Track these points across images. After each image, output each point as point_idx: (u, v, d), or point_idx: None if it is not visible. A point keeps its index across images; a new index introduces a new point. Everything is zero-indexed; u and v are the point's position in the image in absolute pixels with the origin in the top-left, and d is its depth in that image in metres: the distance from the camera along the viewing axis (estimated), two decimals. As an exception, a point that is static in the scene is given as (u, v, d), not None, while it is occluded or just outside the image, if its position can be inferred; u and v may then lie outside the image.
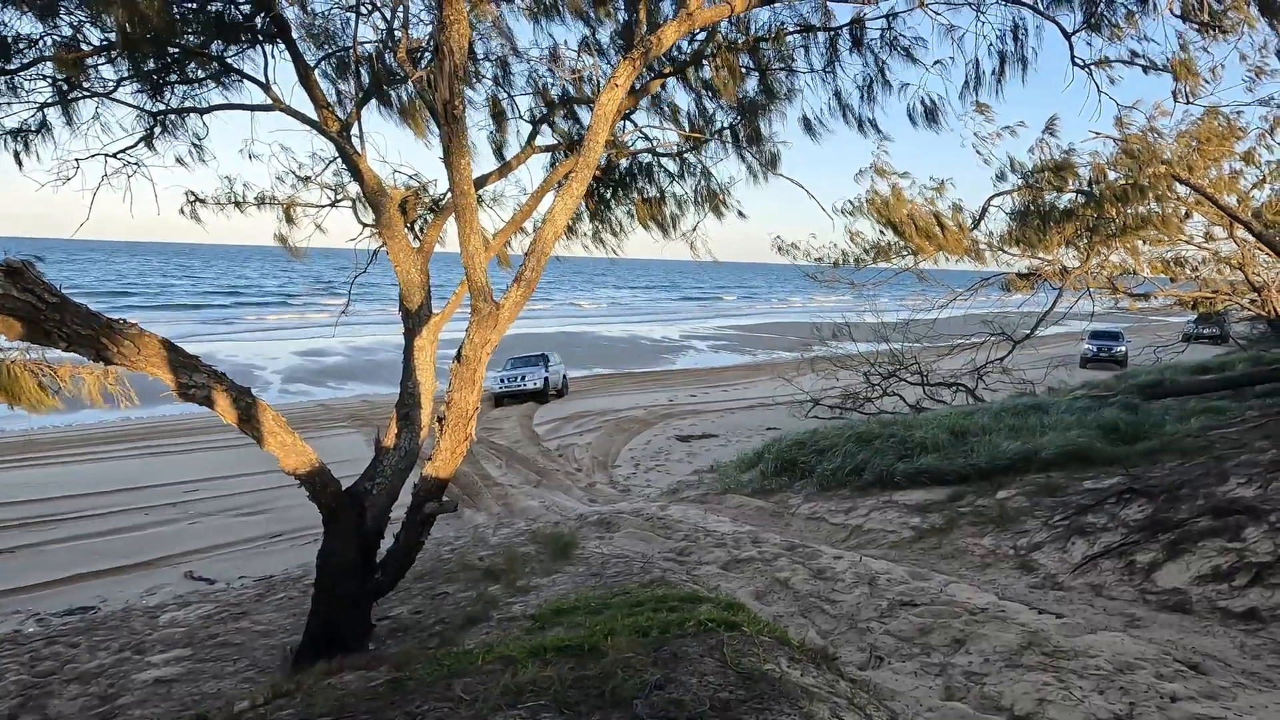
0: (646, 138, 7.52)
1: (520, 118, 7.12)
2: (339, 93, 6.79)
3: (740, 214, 7.35)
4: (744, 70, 6.64)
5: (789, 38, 6.25)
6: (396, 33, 4.83)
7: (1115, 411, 8.93)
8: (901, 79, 5.83)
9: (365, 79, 6.30)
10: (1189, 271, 15.92)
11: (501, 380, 18.73)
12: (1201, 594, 4.51)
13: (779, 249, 13.85)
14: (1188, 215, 13.72)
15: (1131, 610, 4.61)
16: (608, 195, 8.16)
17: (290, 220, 7.13)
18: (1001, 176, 11.56)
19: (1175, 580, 4.71)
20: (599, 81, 5.30)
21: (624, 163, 7.88)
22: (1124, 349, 23.30)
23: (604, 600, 4.96)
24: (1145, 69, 6.83)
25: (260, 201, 7.43)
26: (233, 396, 3.72)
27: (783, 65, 6.52)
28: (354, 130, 5.87)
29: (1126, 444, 7.57)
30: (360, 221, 7.27)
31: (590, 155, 3.89)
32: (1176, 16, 5.12)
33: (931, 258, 12.48)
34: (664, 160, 7.83)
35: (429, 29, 5.52)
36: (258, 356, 26.84)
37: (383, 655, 4.77)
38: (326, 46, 6.47)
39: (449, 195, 4.79)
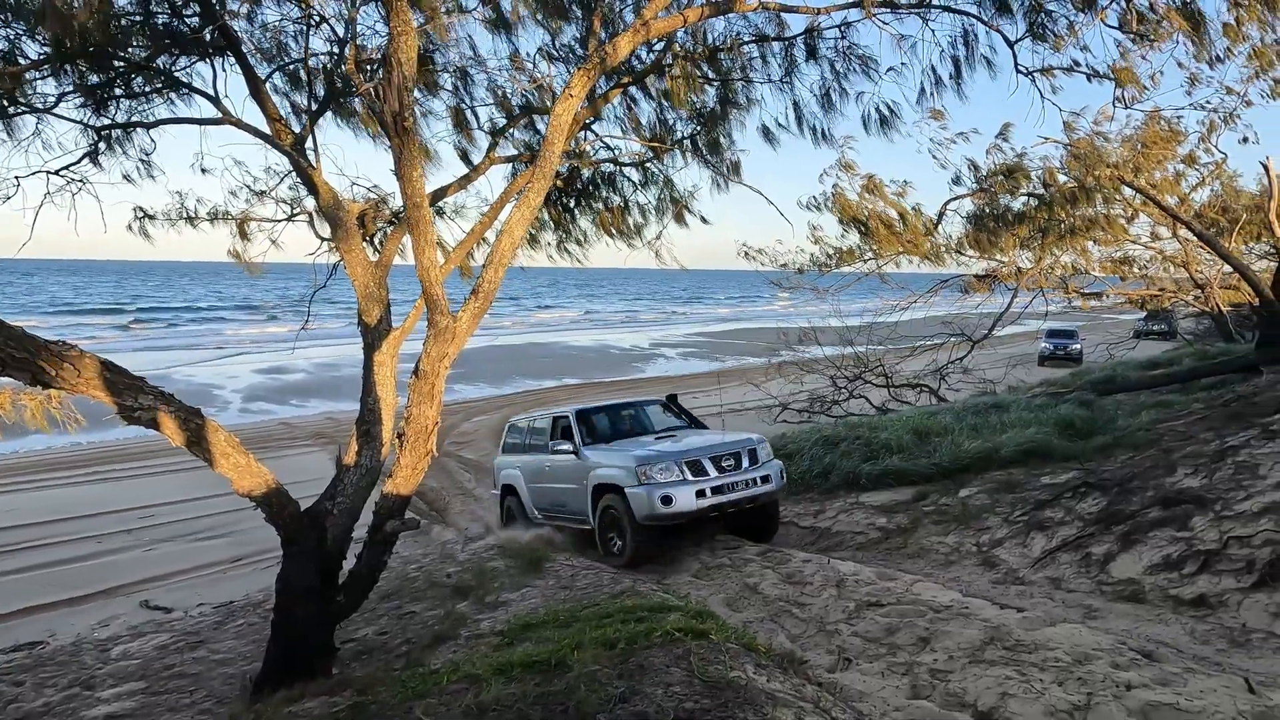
0: (609, 147, 7.54)
1: (480, 128, 7.08)
2: (293, 105, 6.68)
3: (704, 219, 7.43)
4: (703, 80, 6.71)
5: (745, 48, 6.34)
6: (348, 45, 4.76)
7: (1071, 408, 9.18)
8: (857, 88, 5.93)
9: (319, 92, 6.21)
10: (1137, 270, 16.52)
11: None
12: (1154, 583, 4.64)
13: (745, 255, 14.00)
14: (1134, 216, 14.25)
15: (1089, 601, 4.72)
16: (571, 205, 8.15)
17: (245, 236, 6.97)
18: (957, 181, 11.85)
19: (1129, 571, 4.84)
20: (557, 92, 5.30)
21: (587, 172, 7.88)
22: (1079, 346, 24.03)
23: (573, 613, 4.91)
24: (1089, 77, 7.08)
25: (213, 217, 7.25)
26: (180, 418, 3.61)
27: (741, 75, 6.61)
28: (309, 144, 5.77)
29: (1082, 439, 7.79)
30: (318, 235, 7.13)
31: (547, 165, 3.88)
32: (1113, 27, 5.32)
33: (893, 260, 12.74)
34: (627, 170, 7.85)
35: (383, 40, 5.45)
36: (217, 375, 26.16)
37: (347, 679, 4.65)
38: (278, 59, 6.35)
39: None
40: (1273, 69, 11.17)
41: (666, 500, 6.49)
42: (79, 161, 6.05)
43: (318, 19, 5.28)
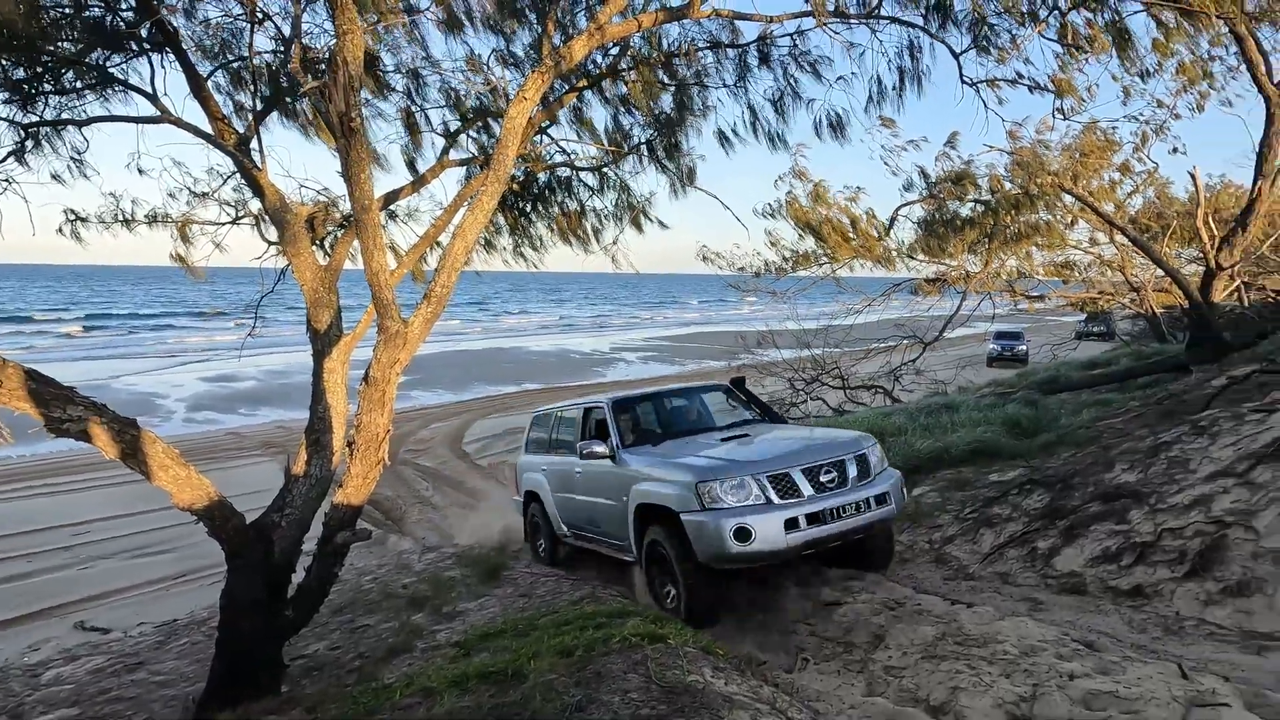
0: (565, 151, 7.51)
1: (434, 130, 6.97)
2: (237, 105, 6.48)
3: (661, 224, 7.43)
4: (659, 85, 6.74)
5: (700, 53, 6.39)
6: (294, 44, 4.63)
7: (1017, 407, 9.49)
8: (809, 94, 6.05)
9: (265, 91, 6.03)
10: (1078, 274, 17.20)
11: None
12: (1094, 575, 4.81)
13: (704, 259, 14.12)
14: (1074, 222, 14.83)
15: (1035, 595, 4.87)
16: (527, 209, 8.09)
17: (186, 239, 6.71)
18: (908, 187, 12.17)
19: (1072, 564, 5.02)
20: (512, 95, 5.25)
21: (543, 177, 7.83)
22: (1025, 348, 24.90)
23: (532, 621, 4.86)
24: (1030, 88, 7.35)
25: (152, 220, 6.96)
26: (114, 429, 3.44)
27: (696, 81, 6.66)
28: (254, 144, 5.60)
29: (1028, 437, 8.05)
30: (264, 239, 6.91)
31: (500, 169, 3.83)
32: (1052, 40, 5.53)
33: (847, 264, 12.99)
34: (584, 174, 7.83)
35: (331, 39, 5.33)
36: (161, 384, 25.14)
37: (296, 697, 4.50)
38: (221, 57, 6.15)
39: (357, 211, 4.62)
40: (1198, 84, 11.80)
41: (742, 534, 4.43)
42: (3, 160, 5.75)
43: (261, 16, 5.12)
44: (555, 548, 6.96)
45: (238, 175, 6.43)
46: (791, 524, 4.58)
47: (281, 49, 5.41)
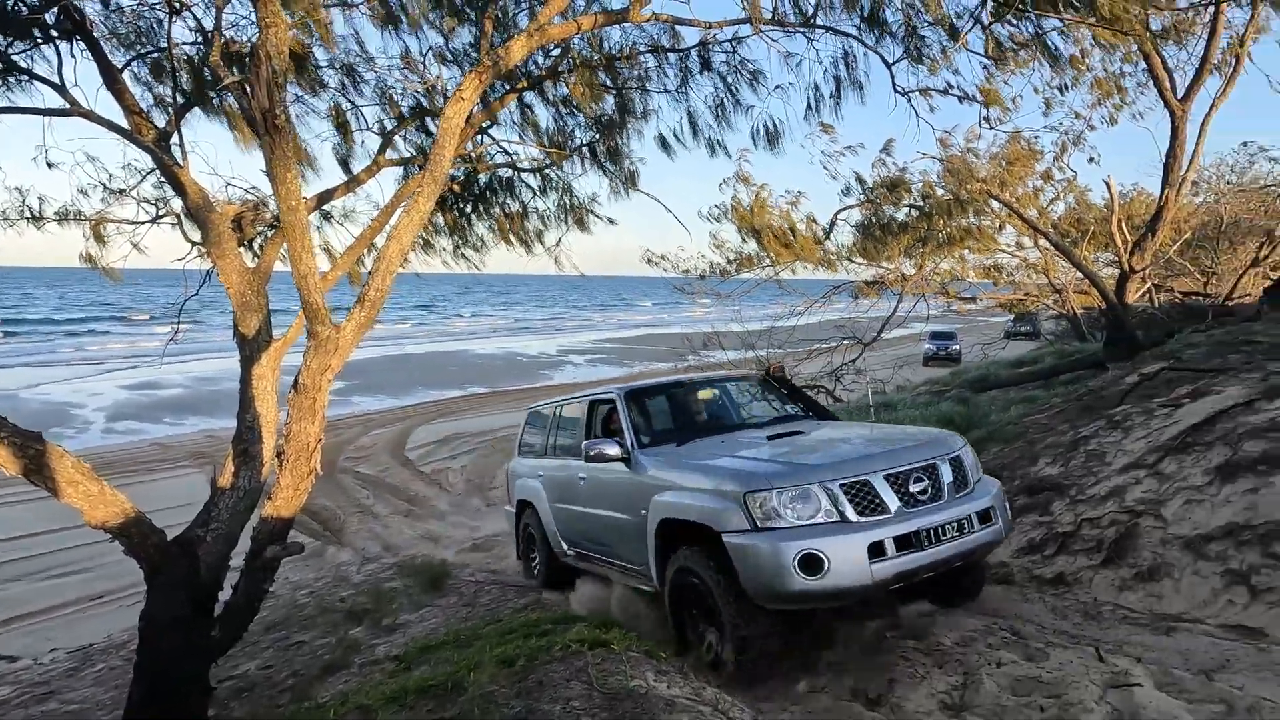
0: (506, 152, 7.41)
1: (369, 129, 6.77)
2: (156, 98, 6.15)
3: (610, 221, 7.41)
4: (601, 87, 6.72)
5: (642, 57, 6.41)
6: (215, 36, 4.42)
7: (951, 405, 9.88)
8: (748, 101, 6.13)
9: (187, 84, 5.73)
10: (1006, 276, 17.99)
11: None
12: (1021, 565, 5.03)
13: (648, 261, 14.18)
14: (1002, 227, 15.50)
15: (967, 586, 5.06)
16: (468, 210, 7.95)
17: (101, 239, 6.32)
18: (847, 192, 12.50)
19: (1000, 555, 5.23)
20: (449, 94, 5.14)
21: (484, 177, 7.72)
22: (958, 347, 25.94)
23: (475, 631, 4.77)
24: (960, 99, 7.64)
25: (63, 217, 6.54)
26: (15, 443, 3.21)
27: (639, 85, 6.67)
28: (174, 140, 5.32)
29: (961, 434, 8.37)
30: (187, 239, 6.57)
31: (437, 169, 3.75)
32: (976, 53, 5.76)
33: (789, 266, 13.25)
34: (525, 175, 7.75)
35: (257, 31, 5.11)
36: (78, 393, 23.65)
37: (224, 720, 4.29)
38: (139, 46, 5.83)
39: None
40: (1111, 97, 12.53)
41: (811, 565, 3.34)
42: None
43: (179, 5, 4.87)
44: (553, 568, 5.90)
45: (158, 172, 6.11)
46: (877, 550, 3.39)
47: (202, 41, 5.16)
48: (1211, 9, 10.09)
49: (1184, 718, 2.73)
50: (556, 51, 6.09)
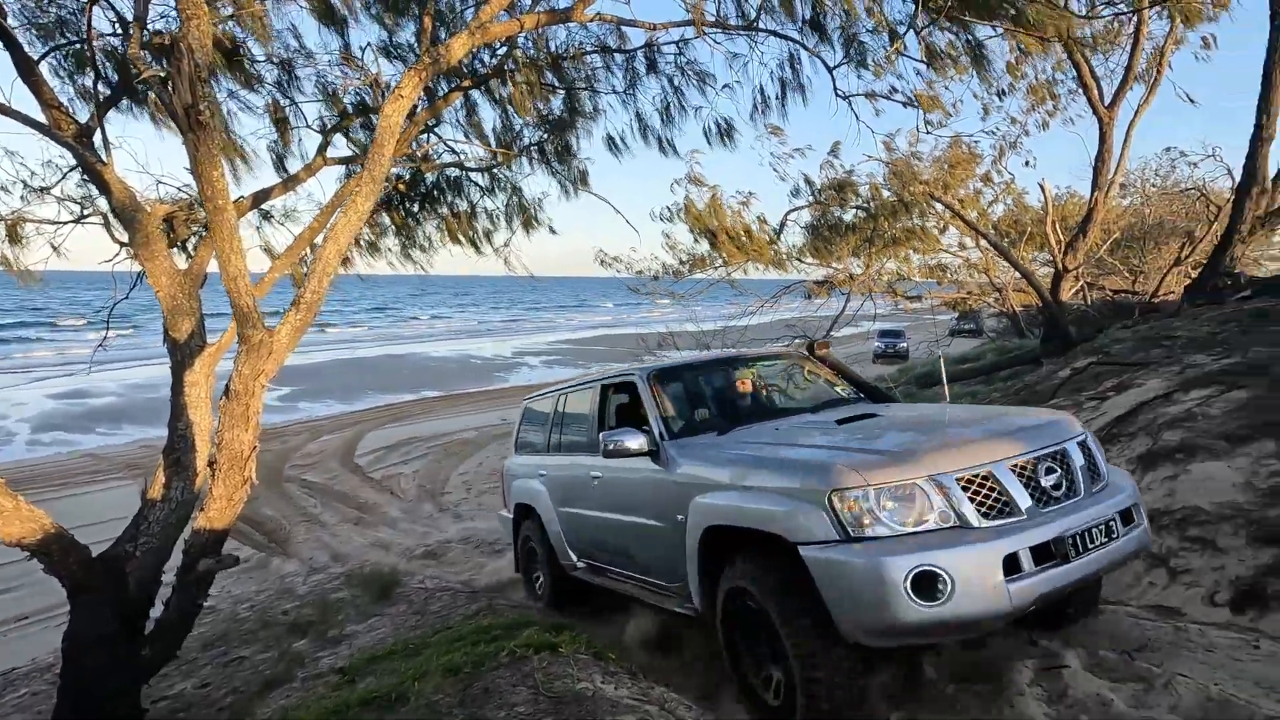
0: (454, 151, 7.31)
1: (309, 127, 6.59)
2: (80, 90, 5.86)
3: (551, 230, 7.37)
4: (549, 87, 6.68)
5: (589, 57, 6.39)
6: (138, 25, 4.23)
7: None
8: (695, 102, 6.18)
9: (111, 77, 5.48)
10: (949, 276, 18.58)
11: None
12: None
13: (601, 262, 14.17)
14: (945, 228, 16.02)
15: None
16: (415, 210, 7.81)
17: (17, 239, 5.99)
18: (796, 193, 12.73)
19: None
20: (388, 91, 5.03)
21: (431, 177, 7.59)
22: (905, 344, 26.70)
23: (424, 640, 4.67)
24: (903, 104, 7.86)
25: (-26, 217, 6.17)
26: (-83, 459, 3.00)
27: (586, 84, 6.65)
28: (98, 136, 5.07)
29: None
30: (115, 240, 6.28)
31: (376, 169, 3.66)
32: (913, 58, 5.92)
33: (741, 267, 13.42)
34: (473, 175, 7.65)
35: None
36: (0, 403, 22.35)
37: (156, 743, 4.11)
38: (58, 37, 5.55)
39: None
40: (1045, 103, 13.08)
41: (929, 586, 2.54)
42: None
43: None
44: (561, 585, 5.05)
45: (80, 169, 5.82)
46: (1012, 564, 2.56)
47: (124, 33, 4.93)
48: (1134, 21, 10.63)
49: (1107, 695, 2.86)
50: (502, 50, 6.03)
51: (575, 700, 2.73)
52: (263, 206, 6.73)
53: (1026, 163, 15.45)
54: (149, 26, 4.45)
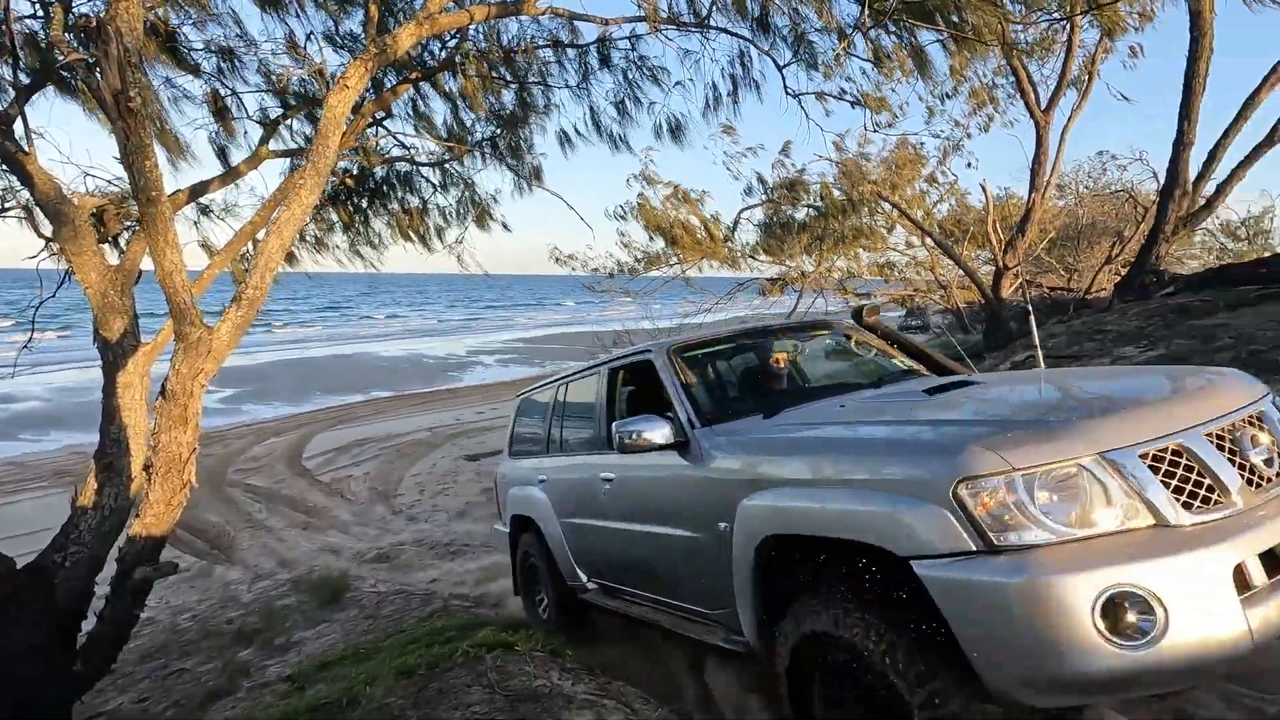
0: (403, 145, 7.16)
1: (251, 118, 6.36)
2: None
3: (505, 226, 7.29)
4: (501, 81, 6.60)
5: (542, 52, 6.34)
6: (59, 7, 4.01)
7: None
8: (649, 98, 6.20)
9: (34, 62, 5.17)
10: (897, 274, 19.11)
11: None
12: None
13: (556, 260, 14.11)
14: (893, 227, 16.47)
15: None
16: (364, 205, 7.63)
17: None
18: (749, 191, 12.92)
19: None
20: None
21: (380, 171, 7.42)
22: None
23: (376, 644, 4.58)
24: (852, 104, 8.03)
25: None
26: None
27: (539, 80, 6.60)
28: (18, 125, 4.79)
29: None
30: (39, 235, 5.96)
31: (321, 161, 3.56)
32: (860, 58, 6.06)
33: (696, 265, 13.54)
34: (425, 170, 7.51)
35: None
36: (-90, 409, 20.92)
37: (89, 762, 3.92)
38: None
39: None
40: (986, 107, 13.55)
41: (1128, 615, 1.68)
42: None
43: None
44: (568, 608, 4.28)
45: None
46: (1241, 578, 1.79)
47: (45, 15, 4.68)
48: (1068, 30, 11.10)
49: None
50: (452, 42, 5.93)
51: (532, 697, 2.71)
52: (201, 200, 6.49)
53: (969, 164, 15.98)
54: (73, 9, 4.23)
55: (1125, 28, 9.09)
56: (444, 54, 6.08)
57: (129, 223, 6.19)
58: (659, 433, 3.00)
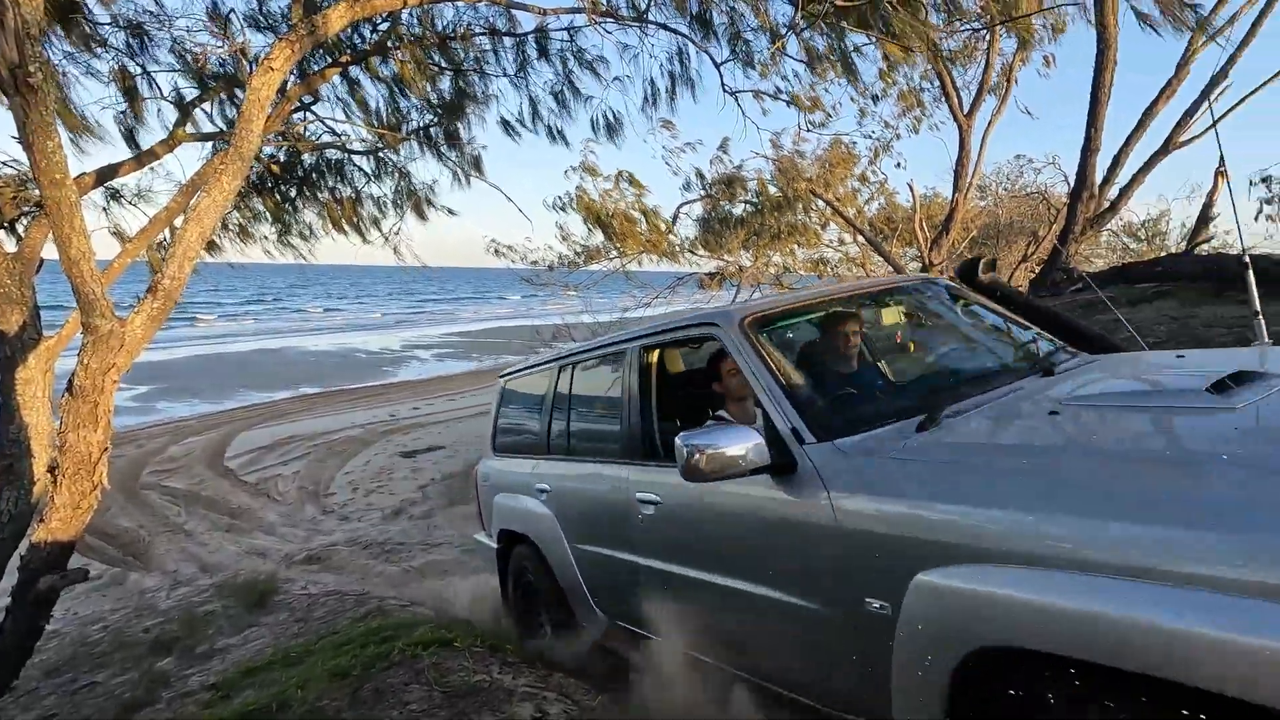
0: (334, 132, 6.90)
1: (166, 99, 6.01)
2: None
3: (450, 211, 7.14)
4: (436, 68, 6.44)
5: (480, 39, 6.23)
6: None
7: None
8: (588, 90, 6.18)
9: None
10: (831, 270, 19.69)
11: None
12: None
13: (495, 252, 13.91)
14: (826, 224, 16.93)
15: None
16: (292, 194, 7.32)
17: None
18: (688, 187, 13.06)
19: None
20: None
21: (310, 158, 7.14)
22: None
23: (307, 647, 4.44)
24: (787, 103, 8.21)
25: None
26: None
27: (476, 67, 6.47)
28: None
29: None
30: (-77, 219, 5.48)
31: (243, 146, 3.40)
32: (794, 58, 6.22)
33: (636, 258, 13.59)
34: (358, 159, 7.27)
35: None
36: None
37: (-12, 786, 3.65)
38: None
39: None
40: (914, 110, 14.10)
41: None
42: None
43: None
44: (577, 638, 3.34)
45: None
46: None
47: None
48: (988, 39, 11.67)
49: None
50: (385, 25, 5.75)
51: (471, 693, 2.69)
52: (111, 184, 6.09)
53: (898, 164, 16.63)
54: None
55: (1038, 39, 9.63)
56: (376, 37, 5.89)
57: (28, 207, 5.76)
58: (747, 449, 1.98)
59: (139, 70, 5.58)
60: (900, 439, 1.97)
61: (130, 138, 5.75)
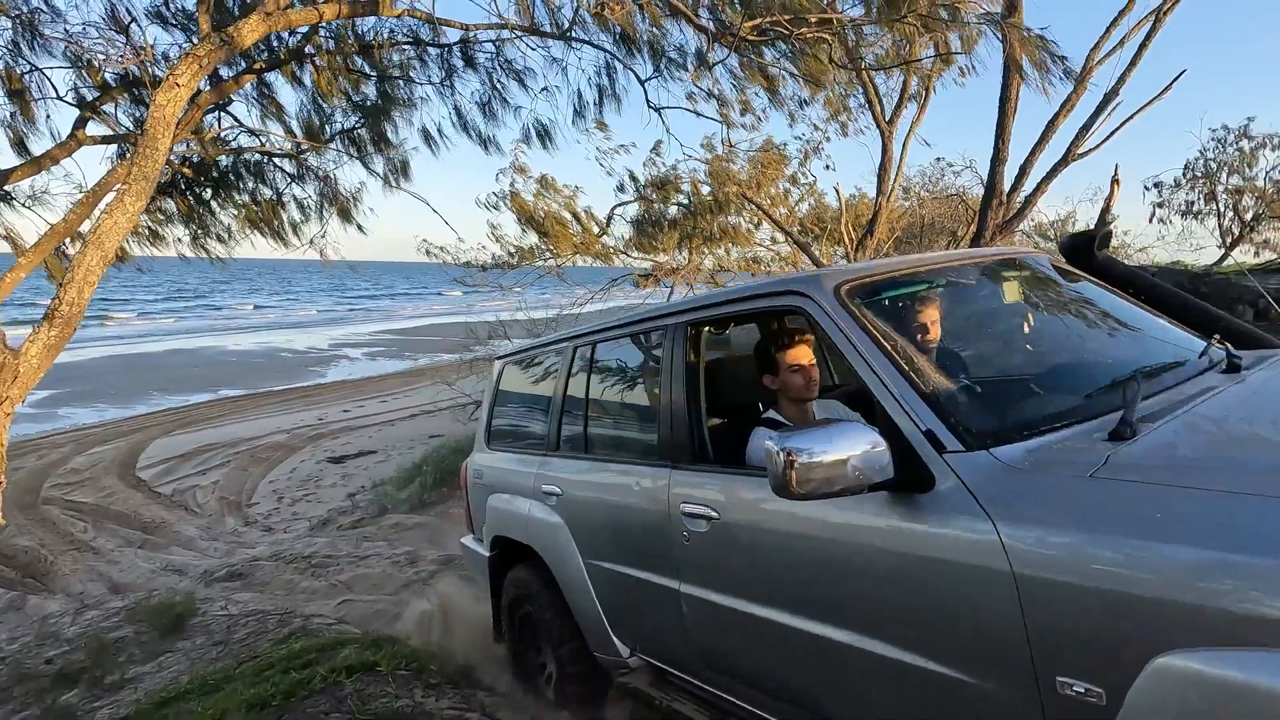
0: (252, 133, 6.67)
1: (62, 99, 5.68)
2: None
3: (371, 211, 7.02)
4: (360, 74, 6.30)
5: (405, 47, 6.13)
6: None
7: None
8: (516, 100, 6.18)
9: None
10: (764, 269, 20.18)
11: None
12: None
13: (426, 253, 13.66)
14: (759, 224, 17.37)
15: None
16: (207, 197, 7.04)
17: None
18: (622, 188, 13.18)
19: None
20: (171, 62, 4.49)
21: (226, 160, 6.87)
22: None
23: (226, 673, 4.33)
24: (712, 120, 8.38)
25: None
26: None
27: (401, 73, 6.36)
28: None
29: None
30: None
31: (149, 165, 3.28)
32: (721, 64, 6.36)
33: (569, 259, 13.61)
34: (279, 160, 7.04)
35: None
36: None
37: None
38: None
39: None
40: (840, 115, 14.61)
41: None
42: None
43: None
44: (586, 682, 2.89)
45: None
46: None
47: None
48: (907, 49, 12.19)
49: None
50: (303, 30, 5.59)
51: (394, 718, 2.72)
52: (4, 188, 5.72)
53: (828, 166, 17.24)
54: None
55: (953, 59, 10.14)
56: (294, 43, 5.73)
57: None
58: (868, 453, 1.53)
59: (29, 69, 5.25)
60: (1091, 450, 1.43)
61: (21, 144, 5.41)
